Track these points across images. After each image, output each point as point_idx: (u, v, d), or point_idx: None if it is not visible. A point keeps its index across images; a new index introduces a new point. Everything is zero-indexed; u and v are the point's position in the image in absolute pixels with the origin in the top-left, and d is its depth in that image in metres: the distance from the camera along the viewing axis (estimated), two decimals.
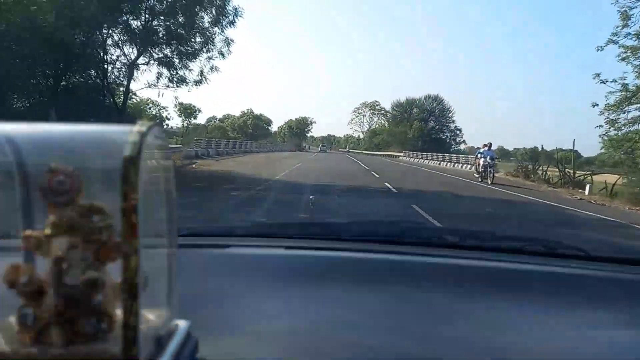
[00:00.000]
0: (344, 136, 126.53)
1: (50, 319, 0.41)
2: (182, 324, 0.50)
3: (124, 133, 0.40)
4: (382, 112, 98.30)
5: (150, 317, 0.46)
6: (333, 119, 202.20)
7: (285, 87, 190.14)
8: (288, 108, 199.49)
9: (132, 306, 0.39)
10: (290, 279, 0.93)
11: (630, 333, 0.76)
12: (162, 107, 59.28)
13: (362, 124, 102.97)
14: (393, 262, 1.10)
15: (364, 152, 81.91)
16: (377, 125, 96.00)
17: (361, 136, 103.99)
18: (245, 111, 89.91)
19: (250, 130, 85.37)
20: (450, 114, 78.14)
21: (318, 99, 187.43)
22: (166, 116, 60.33)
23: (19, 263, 0.43)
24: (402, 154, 58.30)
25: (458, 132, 79.07)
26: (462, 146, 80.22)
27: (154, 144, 0.43)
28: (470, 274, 1.04)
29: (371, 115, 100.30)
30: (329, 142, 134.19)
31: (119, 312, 0.42)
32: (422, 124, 73.91)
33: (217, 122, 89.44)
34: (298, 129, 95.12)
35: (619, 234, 8.24)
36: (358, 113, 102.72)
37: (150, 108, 56.19)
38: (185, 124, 69.12)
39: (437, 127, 77.18)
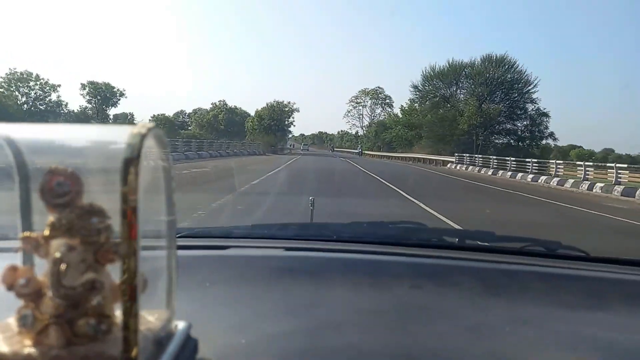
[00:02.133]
0: (338, 133, 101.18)
1: (50, 320, 0.41)
2: (181, 325, 0.51)
3: (124, 134, 0.40)
4: (387, 101, 74.46)
5: (149, 318, 0.46)
6: (324, 113, 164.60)
7: (267, 74, 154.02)
8: (270, 99, 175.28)
9: (131, 308, 0.39)
10: (290, 280, 0.93)
11: (630, 335, 0.76)
12: (51, 85, 43.74)
13: (361, 117, 78.46)
14: (393, 263, 1.10)
15: (367, 152, 59.23)
16: (383, 117, 71.12)
17: (360, 132, 79.76)
18: (217, 103, 70.17)
19: (222, 126, 66.89)
20: (528, 87, 39.92)
21: (307, 89, 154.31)
22: (58, 100, 44.69)
23: (17, 265, 0.43)
24: (452, 159, 31.60)
25: (544, 119, 39.91)
26: (547, 142, 41.65)
27: (154, 146, 0.43)
28: (470, 275, 1.04)
29: (372, 106, 76.70)
30: (321, 140, 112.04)
31: (118, 313, 0.42)
32: (482, 106, 38.66)
33: (186, 117, 73.47)
34: (272, 120, 60.51)
35: None
36: (356, 103, 78.38)
37: (30, 85, 41.11)
38: (97, 112, 50.39)
39: (506, 111, 40.49)
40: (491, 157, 27.61)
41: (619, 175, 16.03)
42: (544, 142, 41.31)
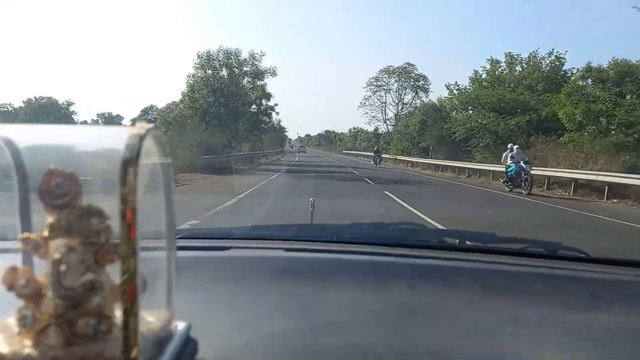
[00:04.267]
0: (350, 130, 77.84)
1: (50, 320, 0.41)
2: (181, 325, 0.51)
3: (123, 135, 0.40)
4: (422, 83, 51.11)
5: (149, 318, 0.47)
6: (332, 110, 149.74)
7: (267, 63, 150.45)
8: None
9: (131, 308, 0.39)
10: (290, 281, 0.93)
11: (630, 336, 0.76)
12: None
13: (384, 105, 53.66)
14: (393, 264, 1.10)
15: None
16: (413, 108, 45.53)
17: (384, 129, 54.59)
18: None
19: None
20: None
21: (313, 83, 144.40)
22: None
23: (16, 265, 0.43)
24: None
25: None
26: None
27: (153, 146, 0.43)
28: (470, 276, 1.04)
29: (400, 90, 52.20)
30: (328, 140, 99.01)
31: (118, 314, 0.42)
32: None
33: (157, 113, 50.80)
34: (214, 95, 27.34)
35: None
36: (377, 87, 54.15)
37: None
38: None
39: None
40: None
41: None
42: None
